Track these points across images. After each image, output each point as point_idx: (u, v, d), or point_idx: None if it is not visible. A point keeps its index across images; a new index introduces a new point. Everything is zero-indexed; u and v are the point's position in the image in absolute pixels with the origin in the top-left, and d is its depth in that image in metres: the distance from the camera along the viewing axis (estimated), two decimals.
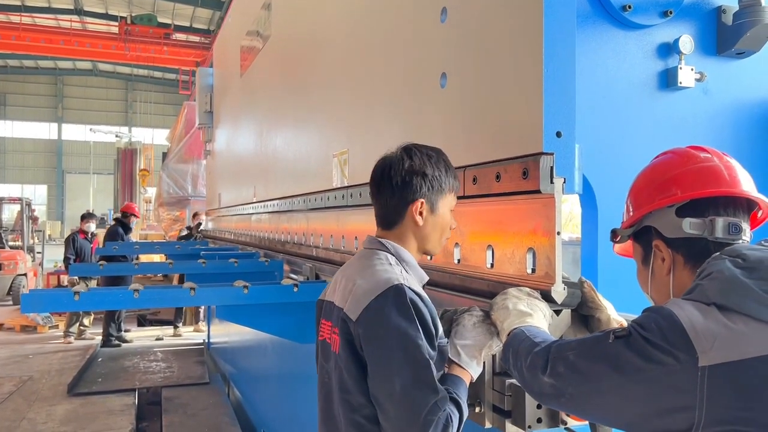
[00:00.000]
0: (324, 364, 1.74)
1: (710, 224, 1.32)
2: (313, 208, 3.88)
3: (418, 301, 1.54)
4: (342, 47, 3.50)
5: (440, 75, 2.26)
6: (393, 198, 1.70)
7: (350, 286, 1.64)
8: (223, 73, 8.05)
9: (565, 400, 1.27)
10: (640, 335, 1.16)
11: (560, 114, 1.71)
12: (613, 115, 2.40)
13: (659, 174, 1.46)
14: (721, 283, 1.17)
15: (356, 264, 1.73)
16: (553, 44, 1.71)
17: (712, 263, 1.23)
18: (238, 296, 2.81)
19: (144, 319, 11.73)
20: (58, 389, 7.25)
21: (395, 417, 1.47)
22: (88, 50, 25.19)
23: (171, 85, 42.36)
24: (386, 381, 1.49)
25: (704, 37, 2.53)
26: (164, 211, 14.67)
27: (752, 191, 1.38)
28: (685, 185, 1.39)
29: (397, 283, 1.55)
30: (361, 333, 1.54)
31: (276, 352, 5.01)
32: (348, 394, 1.58)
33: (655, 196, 1.42)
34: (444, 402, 1.47)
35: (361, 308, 1.55)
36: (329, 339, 1.69)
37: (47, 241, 21.75)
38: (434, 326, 1.56)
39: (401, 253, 1.70)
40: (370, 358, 1.53)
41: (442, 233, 1.74)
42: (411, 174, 1.67)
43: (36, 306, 2.68)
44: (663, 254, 1.41)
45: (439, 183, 1.69)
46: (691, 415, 1.10)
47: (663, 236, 1.40)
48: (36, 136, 45.50)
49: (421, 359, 1.48)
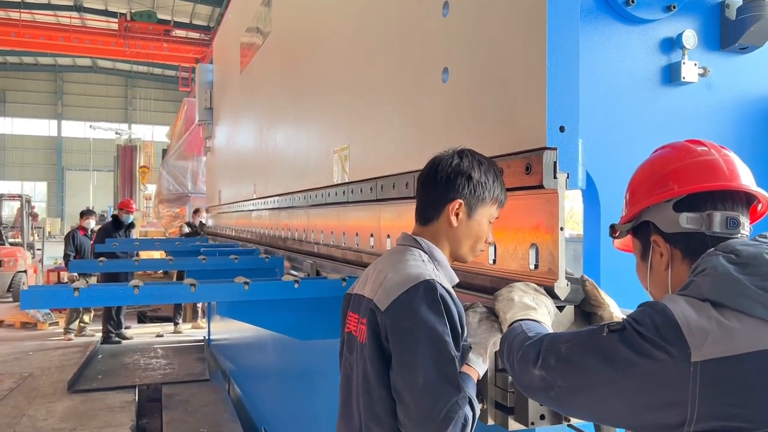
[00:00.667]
0: (348, 356, 1.73)
1: (708, 219, 1.31)
2: (313, 205, 3.87)
3: (448, 299, 1.54)
4: (342, 42, 3.48)
5: (442, 69, 2.25)
6: (433, 193, 1.69)
7: (381, 278, 1.64)
8: (223, 70, 8.04)
9: (555, 393, 1.25)
10: (635, 330, 1.16)
11: (563, 109, 1.69)
12: (616, 110, 2.39)
13: (657, 169, 1.46)
14: (715, 279, 1.17)
15: (388, 259, 1.72)
16: (557, 38, 1.69)
17: (706, 259, 1.23)
18: (239, 292, 2.80)
19: (144, 316, 11.73)
20: (58, 386, 7.24)
21: (415, 411, 1.46)
22: (87, 47, 25.13)
23: (171, 82, 42.38)
24: (409, 374, 1.48)
25: (707, 32, 2.52)
26: (164, 207, 14.64)
27: (751, 185, 1.37)
28: (682, 180, 1.38)
29: (429, 278, 1.55)
30: (389, 324, 1.54)
31: (276, 348, 5.01)
32: (369, 385, 1.57)
33: (653, 191, 1.42)
34: (464, 402, 1.46)
35: (390, 300, 1.55)
36: (355, 330, 1.69)
37: (47, 238, 21.75)
38: (461, 326, 1.56)
39: (434, 252, 1.69)
40: (395, 350, 1.53)
41: (476, 241, 1.72)
42: (457, 173, 1.66)
43: (35, 302, 2.66)
44: (661, 249, 1.40)
45: (482, 189, 1.67)
46: (683, 410, 1.09)
47: (661, 231, 1.39)
48: (36, 132, 45.49)
49: (447, 355, 1.47)
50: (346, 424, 1.68)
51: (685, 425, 1.10)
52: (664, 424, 1.13)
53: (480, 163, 1.68)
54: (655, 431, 1.17)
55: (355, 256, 3.14)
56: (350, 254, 3.21)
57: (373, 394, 1.56)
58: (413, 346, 1.48)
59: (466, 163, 1.66)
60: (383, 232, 2.81)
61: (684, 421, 1.10)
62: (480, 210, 1.68)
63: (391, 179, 2.66)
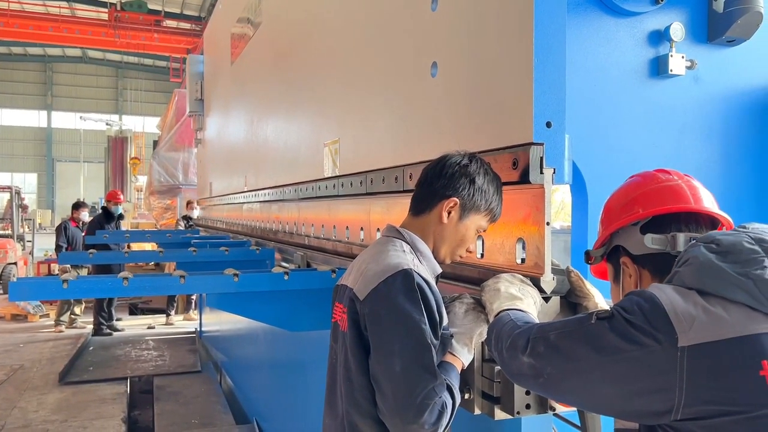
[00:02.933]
0: (333, 344, 1.76)
1: (672, 239, 1.38)
2: (304, 198, 3.87)
3: (426, 287, 1.56)
4: (333, 35, 3.47)
5: (431, 64, 2.25)
6: (434, 186, 1.71)
7: (363, 268, 1.67)
8: (213, 61, 7.99)
9: (543, 380, 1.28)
10: (623, 317, 1.18)
11: (550, 104, 1.70)
12: (603, 103, 2.40)
13: (624, 195, 1.54)
14: (697, 267, 1.21)
15: (371, 250, 1.75)
16: (544, 34, 1.70)
17: (688, 250, 1.27)
18: (229, 284, 2.80)
19: (136, 308, 11.71)
20: (50, 378, 7.23)
21: (392, 398, 1.48)
22: (77, 37, 24.88)
23: (162, 73, 42.07)
24: (387, 361, 1.51)
25: (695, 25, 2.53)
26: (155, 199, 14.57)
27: (712, 208, 1.44)
28: (647, 203, 1.46)
29: (407, 267, 1.57)
30: (367, 313, 1.57)
31: (267, 340, 5.02)
32: (350, 373, 1.61)
33: (620, 215, 1.50)
34: (441, 388, 1.48)
35: (369, 289, 1.58)
36: (339, 320, 1.72)
37: (37, 230, 21.62)
38: (439, 315, 1.58)
39: (417, 243, 1.71)
40: (373, 338, 1.56)
41: (459, 245, 1.74)
42: (462, 173, 1.68)
43: (24, 294, 2.65)
44: (630, 270, 1.46)
45: (481, 197, 1.69)
46: (670, 395, 1.12)
47: (630, 253, 1.46)
48: (25, 123, 45.09)
49: (423, 343, 1.50)
50: (330, 411, 1.72)
51: (672, 411, 1.12)
52: (652, 411, 1.15)
53: (486, 173, 1.72)
54: (642, 417, 1.20)
55: (345, 248, 3.15)
56: (341, 246, 3.22)
57: (354, 381, 1.59)
58: (390, 334, 1.52)
59: (474, 167, 1.70)
60: (373, 225, 2.82)
61: (672, 407, 1.12)
62: (472, 216, 1.71)
63: (381, 173, 2.67)
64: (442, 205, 1.69)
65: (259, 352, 5.41)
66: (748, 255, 1.18)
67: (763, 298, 1.13)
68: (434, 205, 1.71)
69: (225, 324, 7.03)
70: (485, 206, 1.71)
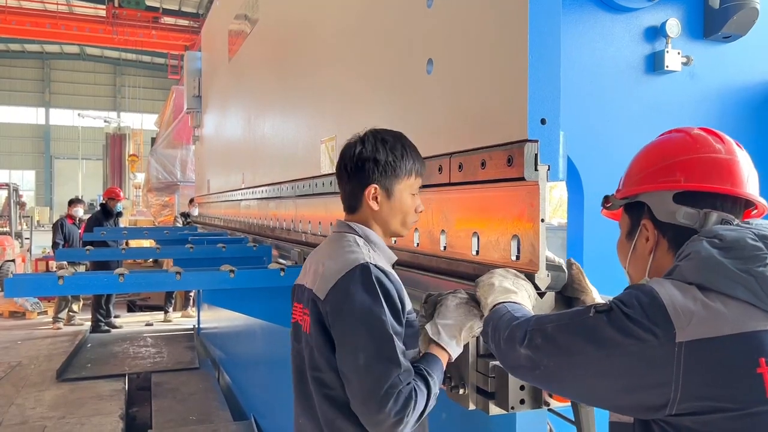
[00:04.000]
0: (295, 344, 1.79)
1: (703, 217, 1.31)
2: (301, 195, 3.87)
3: (383, 278, 1.59)
4: (330, 32, 3.47)
5: (426, 61, 2.25)
6: (349, 184, 1.76)
7: (320, 268, 1.69)
8: (211, 58, 7.98)
9: (540, 372, 1.27)
10: (621, 311, 1.17)
11: (545, 101, 1.70)
12: (599, 99, 2.40)
13: (668, 154, 1.41)
14: (698, 263, 1.19)
15: (326, 248, 1.79)
16: (539, 30, 1.70)
17: (690, 245, 1.25)
18: (225, 280, 2.81)
19: (134, 305, 11.71)
20: (47, 375, 7.24)
21: (358, 389, 1.52)
22: (75, 34, 24.83)
23: (160, 70, 41.99)
24: (351, 355, 1.55)
25: (691, 21, 2.53)
26: (153, 196, 14.57)
27: (755, 192, 1.36)
28: (690, 174, 1.35)
29: (363, 261, 1.60)
30: (329, 311, 1.60)
31: (265, 336, 5.02)
32: (319, 372, 1.64)
33: (657, 177, 1.40)
34: (407, 375, 1.51)
35: (328, 287, 1.61)
36: (300, 320, 1.75)
37: (36, 227, 21.59)
38: (401, 301, 1.61)
39: (369, 235, 1.74)
40: (337, 334, 1.59)
41: (405, 216, 1.77)
42: (362, 160, 1.71)
43: (20, 290, 2.66)
44: (649, 234, 1.40)
45: (392, 168, 1.72)
46: (666, 390, 1.11)
47: (653, 217, 1.38)
48: (23, 120, 44.99)
49: (384, 334, 1.53)
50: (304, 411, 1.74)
51: (668, 406, 1.11)
52: (647, 405, 1.14)
53: (384, 142, 1.73)
54: (638, 411, 1.19)
55: None
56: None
57: (325, 379, 1.63)
58: (352, 328, 1.55)
59: (369, 147, 1.72)
60: None
61: (667, 402, 1.11)
62: (397, 187, 1.74)
63: None
64: (366, 196, 1.73)
65: (257, 349, 5.41)
66: (751, 251, 1.16)
67: (764, 295, 1.12)
68: (360, 200, 1.75)
69: (223, 321, 7.03)
70: (403, 172, 1.74)
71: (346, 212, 1.82)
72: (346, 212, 1.82)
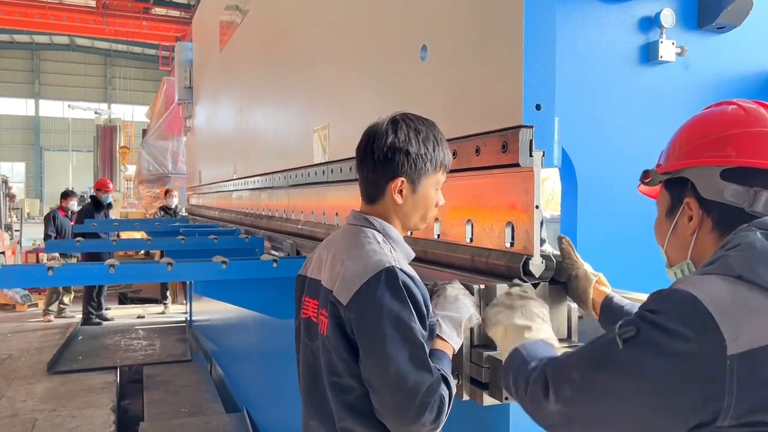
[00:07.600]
0: (308, 342, 1.70)
1: (753, 195, 1.20)
2: (294, 185, 3.85)
3: (410, 283, 1.51)
4: (321, 20, 3.44)
5: (420, 47, 2.23)
6: (374, 173, 1.63)
7: (338, 267, 1.59)
8: (202, 48, 7.93)
9: (581, 424, 1.15)
10: (655, 325, 1.05)
11: (540, 87, 1.69)
12: (594, 89, 2.39)
13: (718, 128, 1.30)
14: (750, 256, 1.08)
15: (343, 242, 1.67)
16: (534, 16, 1.68)
17: (741, 235, 1.14)
18: (217, 271, 2.78)
19: (125, 297, 11.66)
20: (38, 367, 7.19)
21: (391, 400, 1.45)
22: (64, 24, 24.57)
23: (151, 61, 41.68)
24: (380, 365, 1.46)
25: (685, 11, 2.53)
26: (144, 188, 14.49)
27: None
28: (743, 149, 1.24)
29: (389, 265, 1.51)
30: (353, 317, 1.51)
31: (257, 328, 5.00)
32: (338, 377, 1.55)
33: (705, 151, 1.28)
34: (438, 384, 1.45)
35: (351, 292, 1.51)
36: (315, 319, 1.66)
37: (26, 220, 21.45)
38: (426, 306, 1.54)
39: (388, 231, 1.64)
40: (363, 342, 1.50)
41: (426, 212, 1.68)
42: (393, 150, 1.59)
43: (9, 282, 2.63)
44: (692, 213, 1.29)
45: (423, 162, 1.60)
46: (717, 405, 1.01)
47: (698, 194, 1.27)
48: (12, 112, 44.59)
49: (415, 342, 1.45)
50: (316, 414, 1.66)
51: (718, 420, 1.01)
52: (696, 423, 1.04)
53: (417, 132, 1.61)
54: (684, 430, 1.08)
55: None
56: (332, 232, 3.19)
57: (344, 384, 1.54)
58: (381, 337, 1.46)
59: (402, 137, 1.59)
60: None
61: (717, 417, 1.01)
62: (424, 182, 1.63)
63: None
64: (391, 189, 1.62)
65: (249, 341, 5.40)
66: None
67: None
68: (383, 191, 1.63)
69: (215, 313, 7.01)
70: (432, 166, 1.63)
71: (364, 201, 1.70)
72: (363, 201, 1.70)
